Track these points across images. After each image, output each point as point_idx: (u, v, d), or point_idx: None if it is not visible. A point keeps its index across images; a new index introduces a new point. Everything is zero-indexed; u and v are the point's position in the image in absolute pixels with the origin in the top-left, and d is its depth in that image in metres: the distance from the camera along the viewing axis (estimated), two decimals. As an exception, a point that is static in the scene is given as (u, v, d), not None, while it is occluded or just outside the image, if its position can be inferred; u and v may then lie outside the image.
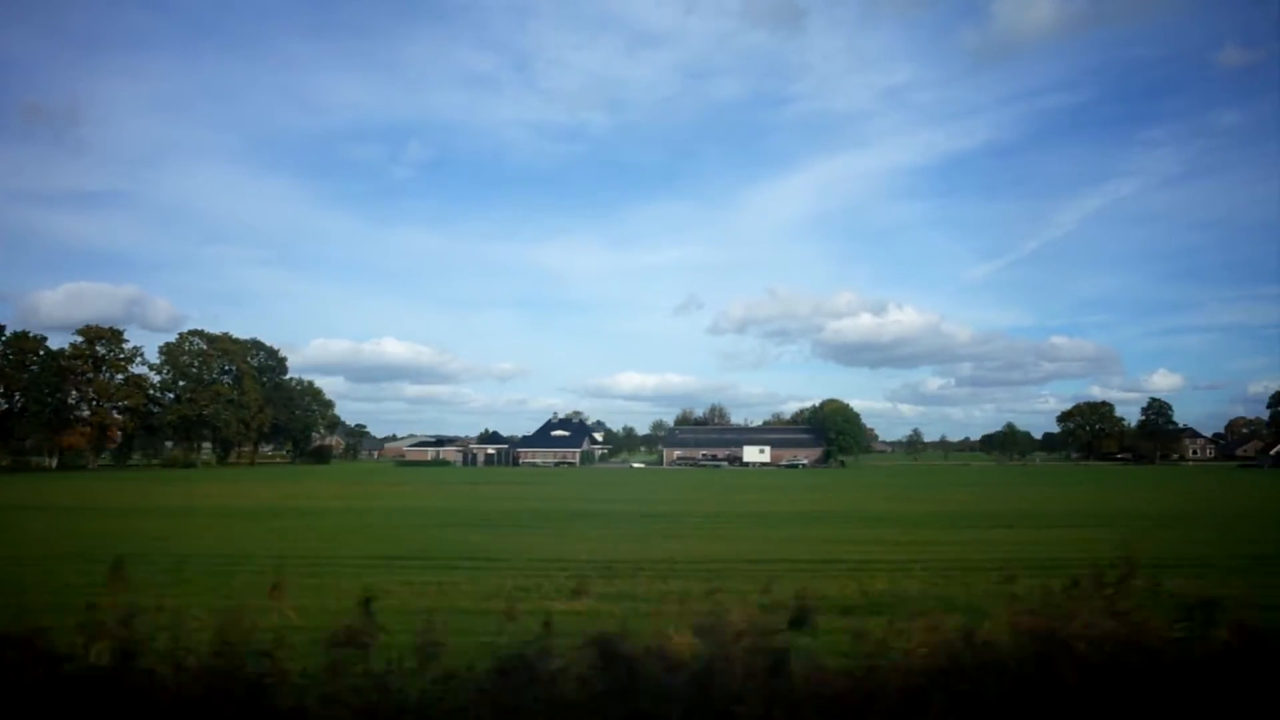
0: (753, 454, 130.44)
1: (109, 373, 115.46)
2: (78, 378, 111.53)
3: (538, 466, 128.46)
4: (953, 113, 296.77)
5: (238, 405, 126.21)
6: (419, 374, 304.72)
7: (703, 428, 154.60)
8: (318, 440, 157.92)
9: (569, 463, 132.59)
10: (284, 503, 44.57)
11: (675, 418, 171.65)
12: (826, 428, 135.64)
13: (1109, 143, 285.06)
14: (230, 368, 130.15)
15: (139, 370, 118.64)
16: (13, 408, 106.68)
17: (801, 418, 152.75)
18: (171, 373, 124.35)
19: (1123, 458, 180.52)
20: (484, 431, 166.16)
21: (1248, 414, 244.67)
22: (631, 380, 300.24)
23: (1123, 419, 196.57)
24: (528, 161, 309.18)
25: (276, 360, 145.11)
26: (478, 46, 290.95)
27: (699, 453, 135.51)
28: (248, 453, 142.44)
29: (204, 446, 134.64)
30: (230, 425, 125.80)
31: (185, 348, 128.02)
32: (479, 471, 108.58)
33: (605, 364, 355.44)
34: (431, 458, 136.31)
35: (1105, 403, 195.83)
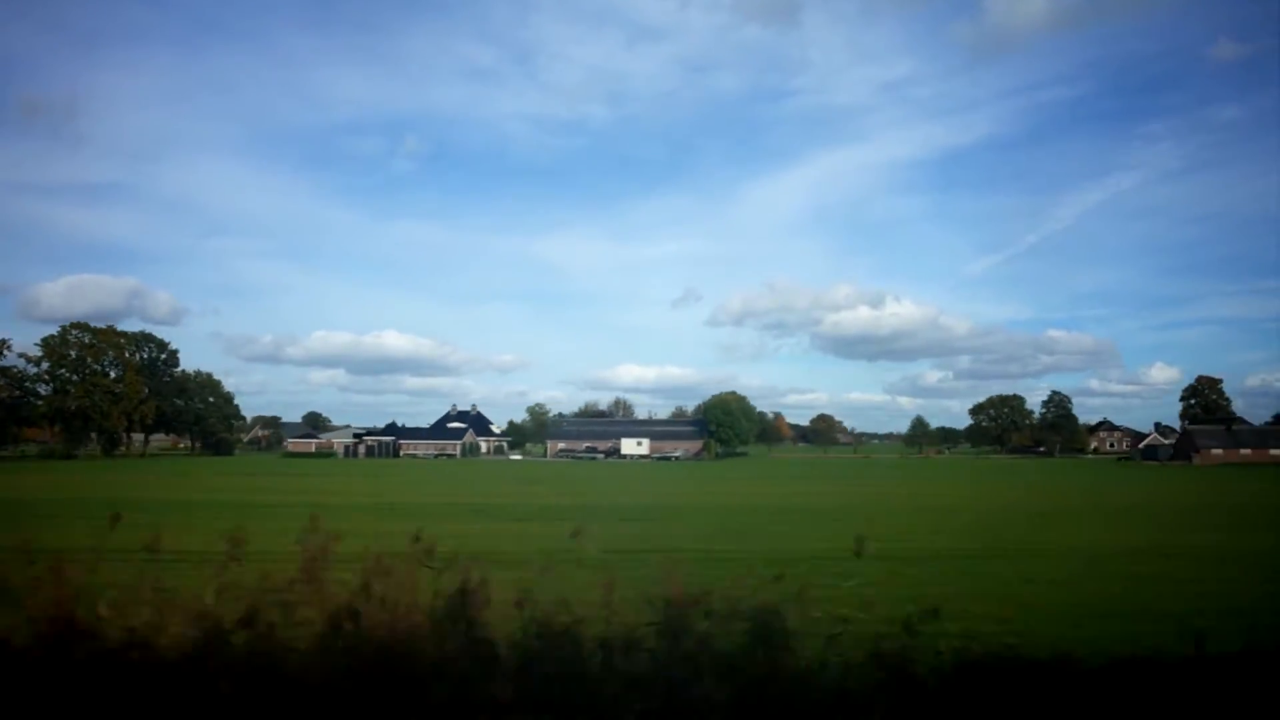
0: (630, 446, 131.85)
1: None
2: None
3: (417, 458, 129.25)
4: (952, 107, 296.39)
5: (117, 397, 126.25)
6: (419, 366, 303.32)
7: (589, 420, 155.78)
8: (239, 430, 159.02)
9: (448, 454, 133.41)
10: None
11: (575, 411, 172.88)
12: (707, 420, 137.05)
13: (1108, 137, 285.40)
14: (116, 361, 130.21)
15: (10, 362, 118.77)
16: None
17: (699, 410, 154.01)
18: (49, 365, 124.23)
19: (1044, 450, 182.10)
20: (390, 424, 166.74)
21: (1247, 408, 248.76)
22: (631, 373, 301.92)
23: (1032, 411, 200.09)
24: (528, 154, 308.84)
25: (168, 353, 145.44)
26: (479, 40, 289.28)
27: (582, 445, 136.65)
28: (139, 444, 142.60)
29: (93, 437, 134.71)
30: (111, 417, 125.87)
31: (68, 340, 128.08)
32: (337, 463, 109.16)
33: (605, 356, 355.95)
34: (315, 449, 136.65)
35: (1016, 395, 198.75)
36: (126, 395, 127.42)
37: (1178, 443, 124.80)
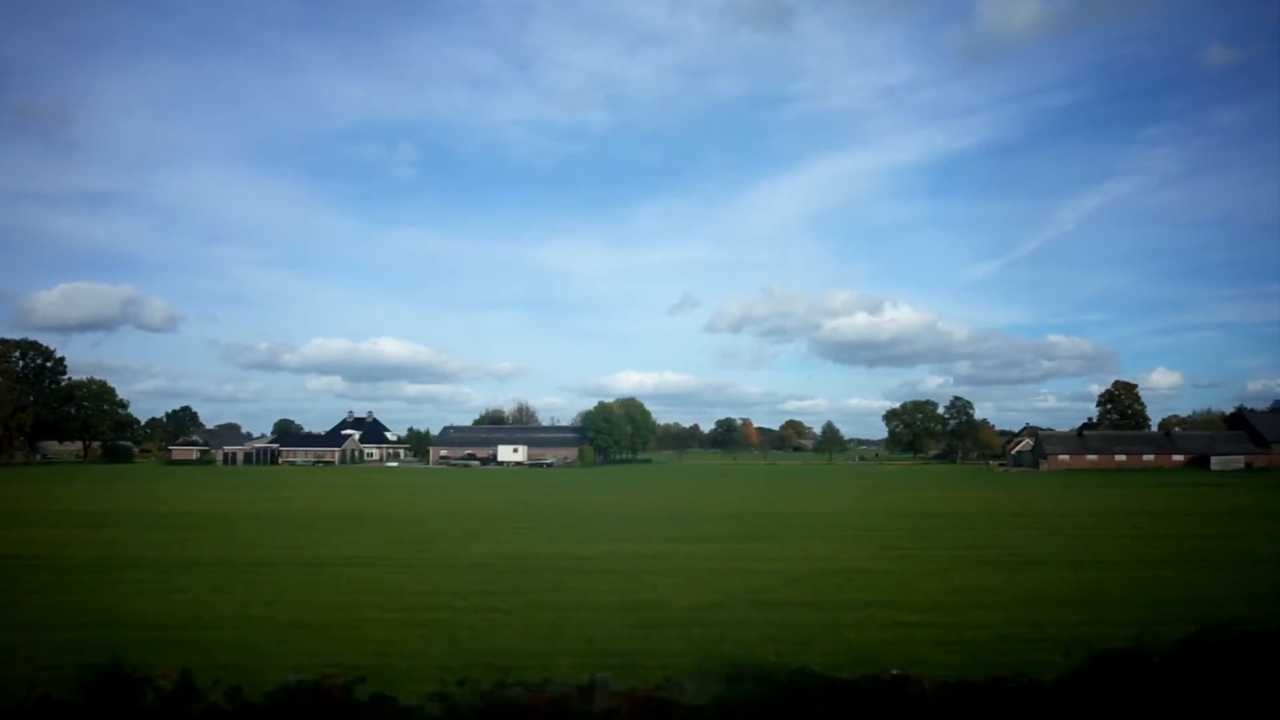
0: (506, 453, 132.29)
1: None
2: None
3: (295, 465, 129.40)
4: (951, 112, 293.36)
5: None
6: (417, 373, 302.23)
7: (477, 428, 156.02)
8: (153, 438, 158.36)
9: (326, 462, 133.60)
10: None
11: (476, 418, 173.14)
12: (586, 427, 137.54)
13: (1108, 142, 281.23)
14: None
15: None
16: None
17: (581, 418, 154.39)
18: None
19: (981, 456, 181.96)
20: (283, 430, 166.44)
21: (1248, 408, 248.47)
22: (630, 379, 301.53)
23: (945, 417, 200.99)
24: (528, 161, 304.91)
25: (54, 361, 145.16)
26: (478, 46, 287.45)
27: (465, 452, 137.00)
28: (22, 452, 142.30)
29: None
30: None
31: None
32: (193, 471, 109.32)
33: (604, 363, 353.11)
34: (197, 456, 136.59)
35: (930, 401, 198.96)
36: (2, 403, 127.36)
37: (1034, 449, 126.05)
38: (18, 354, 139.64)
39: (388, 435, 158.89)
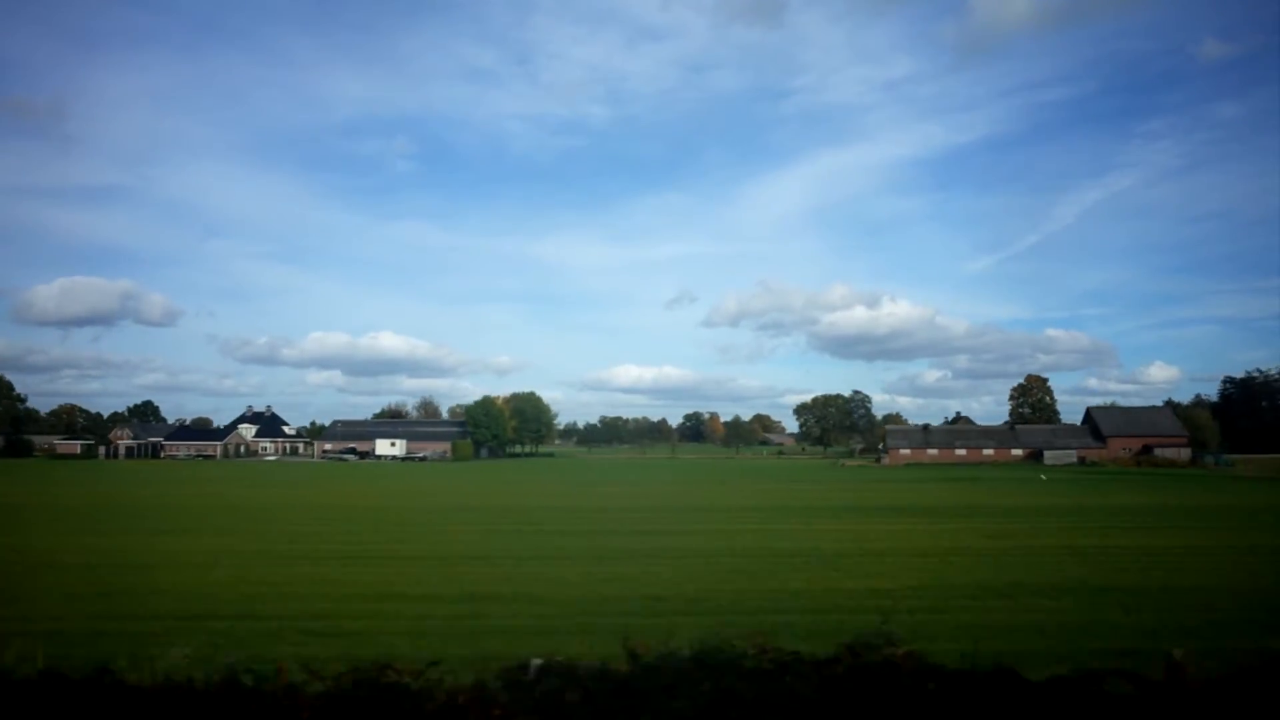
0: (384, 447, 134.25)
1: None
2: None
3: (177, 459, 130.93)
4: (951, 106, 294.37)
5: None
6: (416, 368, 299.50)
7: (361, 421, 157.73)
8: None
9: (207, 455, 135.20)
10: None
11: (377, 411, 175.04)
12: (466, 421, 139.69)
13: (1108, 136, 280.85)
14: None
15: None
16: None
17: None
18: None
19: (868, 450, 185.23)
20: (182, 423, 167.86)
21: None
22: (629, 373, 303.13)
23: (852, 412, 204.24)
24: (527, 155, 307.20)
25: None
26: (478, 40, 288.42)
27: (348, 445, 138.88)
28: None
29: None
30: None
31: None
32: (64, 465, 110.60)
33: (603, 357, 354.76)
34: (80, 450, 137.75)
35: (840, 396, 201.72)
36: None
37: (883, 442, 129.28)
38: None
39: (285, 429, 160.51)
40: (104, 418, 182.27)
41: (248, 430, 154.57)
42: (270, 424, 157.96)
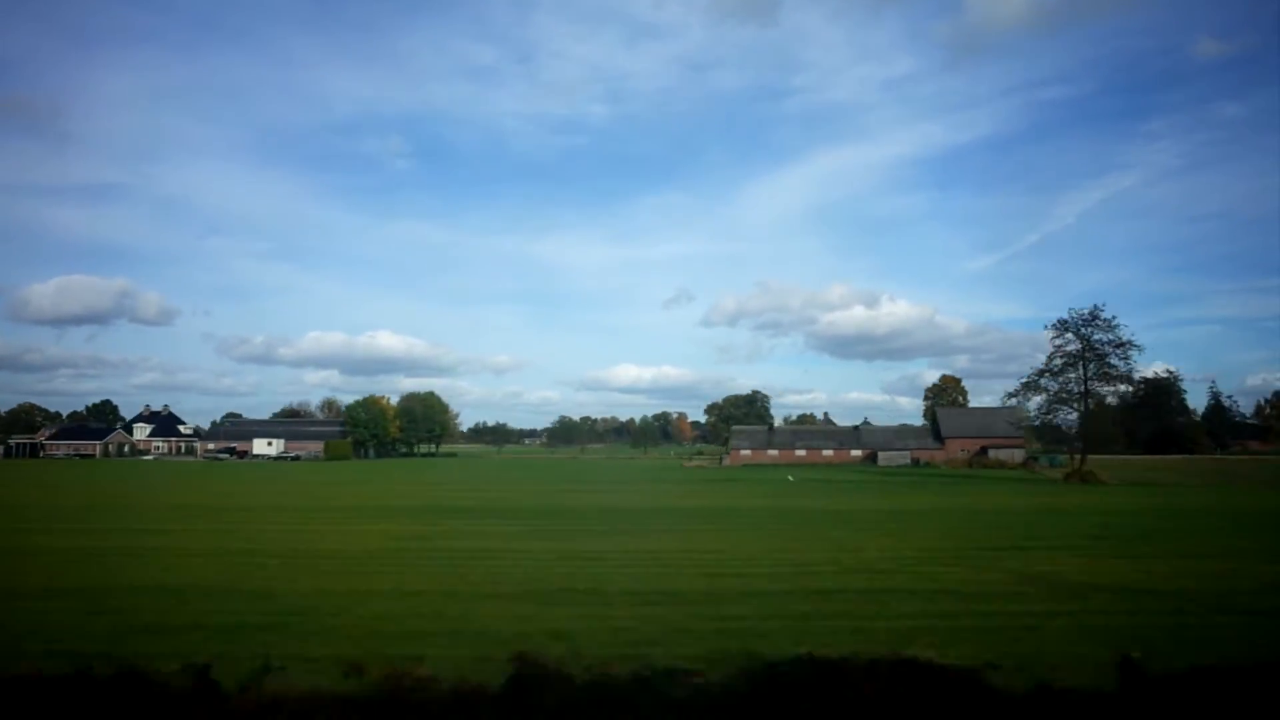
0: (261, 446, 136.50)
1: None
2: None
3: (55, 458, 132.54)
4: (952, 105, 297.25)
5: None
6: (414, 367, 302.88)
7: (244, 420, 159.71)
8: None
9: (85, 455, 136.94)
10: None
11: (278, 411, 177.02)
12: (345, 421, 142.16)
13: (1109, 135, 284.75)
14: None
15: None
16: None
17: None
18: None
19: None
20: (80, 422, 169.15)
21: (1246, 407, 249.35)
22: (628, 373, 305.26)
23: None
24: (528, 154, 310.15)
25: None
26: (478, 39, 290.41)
27: (227, 445, 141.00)
28: None
29: None
30: None
31: None
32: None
33: (602, 357, 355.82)
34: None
35: (738, 395, 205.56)
36: None
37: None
38: None
39: (181, 428, 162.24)
40: (63, 416, 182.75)
41: (143, 429, 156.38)
42: (165, 423, 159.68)
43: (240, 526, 31.98)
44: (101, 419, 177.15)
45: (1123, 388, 77.95)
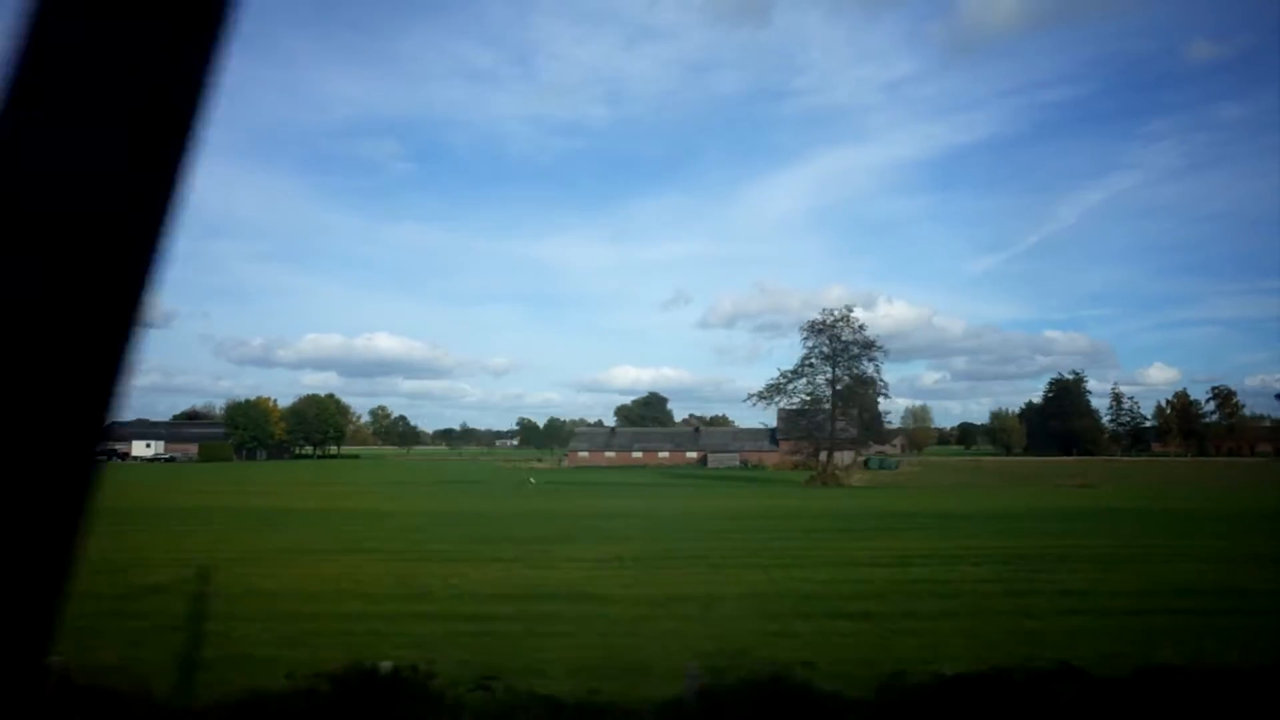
0: (140, 448, 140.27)
1: None
2: None
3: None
4: (953, 106, 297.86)
5: None
6: (413, 369, 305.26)
7: (134, 421, 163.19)
8: None
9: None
10: None
11: (177, 412, 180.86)
12: (225, 422, 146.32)
13: (1111, 136, 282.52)
14: None
15: None
16: None
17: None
18: None
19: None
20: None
21: (1247, 408, 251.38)
22: (627, 374, 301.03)
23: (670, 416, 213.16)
24: (527, 156, 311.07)
25: None
26: (478, 41, 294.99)
27: (110, 445, 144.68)
28: None
29: None
30: None
31: None
32: None
33: (601, 358, 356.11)
34: None
35: (641, 398, 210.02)
36: None
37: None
38: None
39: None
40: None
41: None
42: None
43: None
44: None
45: (870, 391, 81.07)
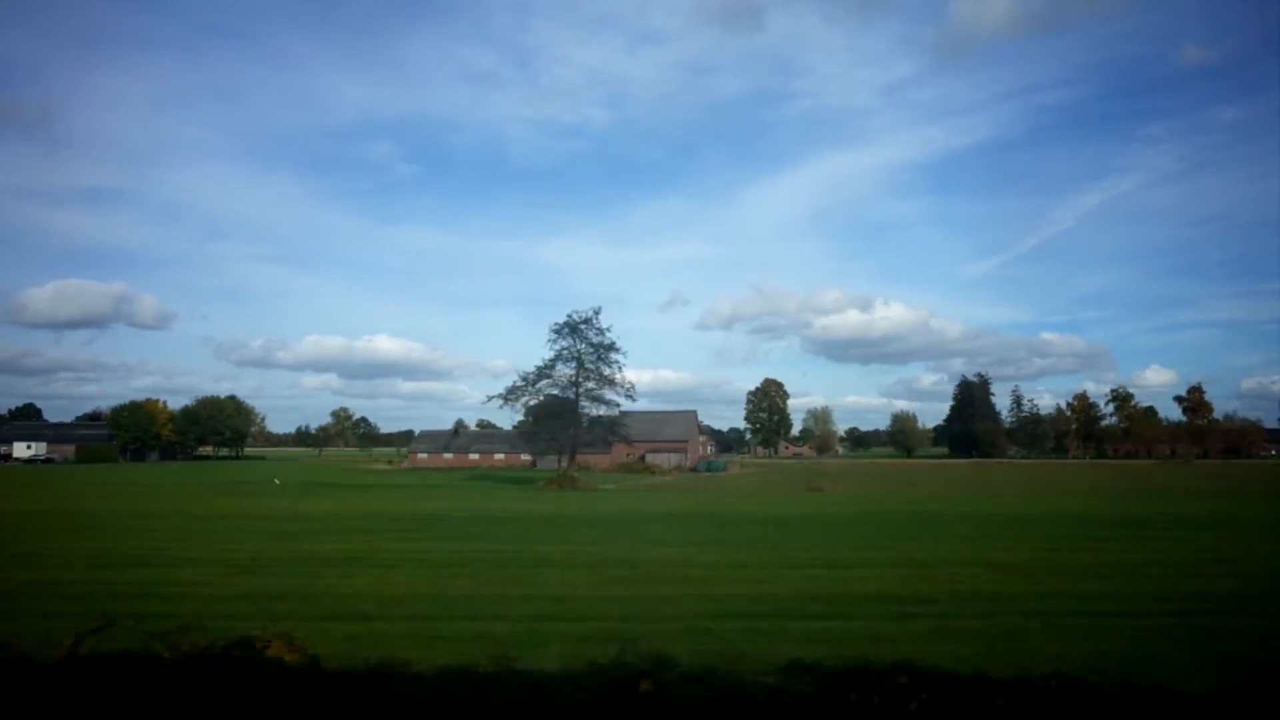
0: (21, 449, 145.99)
1: None
2: None
3: None
4: (951, 109, 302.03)
5: None
6: (412, 371, 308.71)
7: (24, 423, 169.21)
8: None
9: None
10: None
11: (83, 413, 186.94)
12: (108, 424, 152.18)
13: (1108, 139, 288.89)
14: None
15: None
16: None
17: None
18: None
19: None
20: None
21: (1244, 410, 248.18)
22: (625, 376, 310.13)
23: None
24: (529, 158, 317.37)
25: None
26: (480, 43, 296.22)
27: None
28: None
29: None
30: None
31: None
32: None
33: None
34: None
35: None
36: None
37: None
38: None
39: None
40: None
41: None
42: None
43: None
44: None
45: (611, 395, 79.42)
